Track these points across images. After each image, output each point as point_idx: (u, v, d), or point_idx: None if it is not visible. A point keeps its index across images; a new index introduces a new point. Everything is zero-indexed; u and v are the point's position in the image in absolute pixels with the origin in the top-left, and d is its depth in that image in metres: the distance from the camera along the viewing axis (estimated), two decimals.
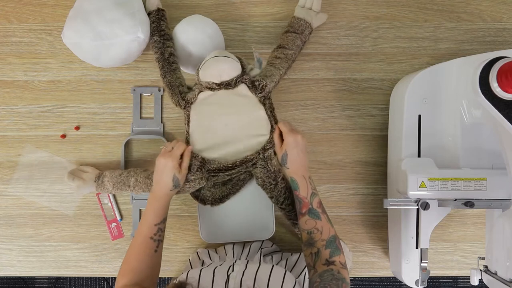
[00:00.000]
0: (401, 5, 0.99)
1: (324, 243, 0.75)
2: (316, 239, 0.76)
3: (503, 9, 0.99)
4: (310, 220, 0.77)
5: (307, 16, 0.92)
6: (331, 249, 0.75)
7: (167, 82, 0.88)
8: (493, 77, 0.68)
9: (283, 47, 0.91)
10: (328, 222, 0.78)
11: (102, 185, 0.91)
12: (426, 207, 0.80)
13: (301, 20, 0.92)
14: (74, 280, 1.78)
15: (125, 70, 0.98)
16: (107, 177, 0.90)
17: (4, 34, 0.99)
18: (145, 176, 0.88)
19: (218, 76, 0.83)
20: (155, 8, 0.92)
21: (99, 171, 0.94)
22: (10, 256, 0.99)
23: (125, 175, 0.90)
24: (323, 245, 0.75)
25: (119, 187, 0.90)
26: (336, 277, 0.70)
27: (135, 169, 0.91)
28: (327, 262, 0.73)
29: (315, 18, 0.93)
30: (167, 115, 0.99)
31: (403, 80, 0.93)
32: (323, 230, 0.76)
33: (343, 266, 0.74)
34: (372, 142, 0.99)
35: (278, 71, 0.88)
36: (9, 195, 0.99)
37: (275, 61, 0.89)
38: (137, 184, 0.88)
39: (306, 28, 0.92)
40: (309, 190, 0.79)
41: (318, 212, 0.78)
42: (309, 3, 0.93)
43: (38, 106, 0.98)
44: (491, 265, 0.73)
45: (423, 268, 0.84)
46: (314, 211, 0.78)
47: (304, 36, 0.92)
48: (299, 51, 0.93)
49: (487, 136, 0.83)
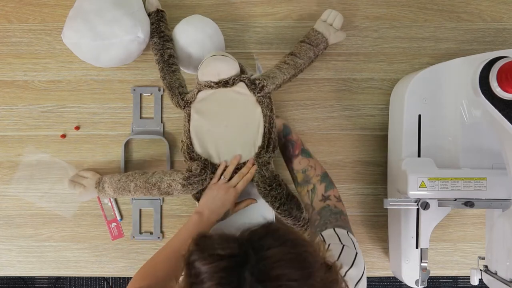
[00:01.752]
0: (401, 5, 0.99)
1: (319, 178, 0.80)
2: (311, 176, 0.80)
3: (503, 9, 0.99)
4: (304, 159, 0.83)
5: (326, 31, 0.92)
6: (326, 183, 0.79)
7: (166, 83, 0.88)
8: (493, 77, 0.68)
9: (295, 55, 0.90)
10: (318, 161, 0.83)
11: (103, 191, 0.90)
12: (426, 207, 0.80)
13: (319, 34, 0.92)
14: (74, 280, 1.78)
15: (125, 70, 0.98)
16: (107, 183, 0.90)
17: (4, 34, 0.99)
18: (145, 180, 0.87)
19: (216, 75, 0.83)
20: (155, 9, 0.92)
21: (99, 175, 0.93)
22: (10, 256, 0.99)
23: (124, 180, 0.89)
24: (318, 180, 0.80)
25: (120, 192, 0.89)
26: (333, 212, 0.75)
27: (133, 173, 0.90)
28: (323, 197, 0.78)
29: (333, 35, 0.93)
30: (167, 115, 0.99)
31: (403, 80, 0.93)
32: (316, 166, 0.82)
33: (338, 200, 0.78)
34: (372, 142, 0.99)
35: (282, 75, 0.87)
36: (9, 195, 0.99)
37: (282, 66, 0.89)
38: (137, 189, 0.88)
39: (322, 42, 0.92)
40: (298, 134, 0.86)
41: (309, 151, 0.84)
42: (330, 19, 0.93)
43: (38, 106, 0.98)
44: (491, 265, 0.73)
45: (423, 268, 0.84)
46: (306, 150, 0.84)
47: (318, 50, 0.92)
48: (309, 63, 0.92)
49: (487, 136, 0.83)
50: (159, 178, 0.86)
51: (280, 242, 0.51)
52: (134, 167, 0.98)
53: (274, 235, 0.52)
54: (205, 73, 0.83)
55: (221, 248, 0.50)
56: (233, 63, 0.83)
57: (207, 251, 0.50)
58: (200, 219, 0.78)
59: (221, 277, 0.48)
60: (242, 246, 0.51)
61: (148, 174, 0.88)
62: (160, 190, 0.85)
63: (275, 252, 0.50)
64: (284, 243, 0.51)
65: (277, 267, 0.48)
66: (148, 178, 0.87)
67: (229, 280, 0.48)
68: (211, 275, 0.48)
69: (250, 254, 0.50)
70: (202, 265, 0.49)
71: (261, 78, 0.85)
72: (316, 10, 0.99)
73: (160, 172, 0.88)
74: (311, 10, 0.99)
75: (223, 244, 0.50)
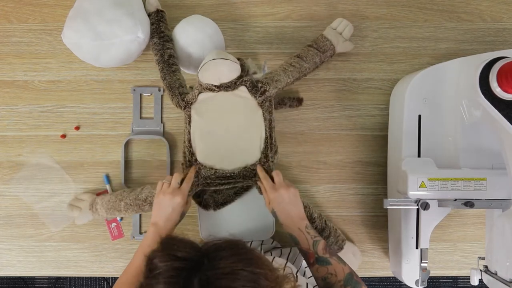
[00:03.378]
0: (401, 5, 0.99)
1: (342, 283, 0.73)
2: (332, 282, 0.73)
3: (503, 9, 0.99)
4: (321, 268, 0.74)
5: (335, 39, 0.92)
6: (351, 285, 0.73)
7: (167, 83, 0.88)
8: (493, 77, 0.68)
9: (301, 58, 0.90)
10: (339, 263, 0.75)
11: (97, 212, 0.92)
12: (426, 207, 0.80)
13: (328, 41, 0.92)
14: (74, 280, 1.78)
15: (125, 70, 0.98)
16: (99, 204, 0.91)
17: (4, 34, 0.99)
18: (134, 197, 0.87)
19: (217, 79, 0.82)
20: (154, 10, 0.92)
21: (94, 196, 0.94)
22: (10, 256, 0.99)
23: (113, 200, 0.89)
24: (341, 285, 0.73)
25: (112, 212, 0.90)
26: None
27: (121, 192, 0.90)
28: None
29: (341, 44, 0.93)
30: (167, 115, 0.99)
31: (403, 80, 0.93)
32: (336, 272, 0.74)
33: None
34: (372, 142, 0.99)
35: (286, 79, 0.87)
36: (9, 195, 0.99)
37: (288, 68, 0.89)
38: (128, 208, 0.88)
39: (329, 49, 0.92)
40: (309, 240, 0.76)
41: (326, 258, 0.75)
42: (340, 28, 0.93)
43: (38, 106, 0.98)
44: (491, 265, 0.73)
45: (423, 268, 0.84)
46: (322, 258, 0.75)
47: (325, 57, 0.92)
48: (314, 68, 0.92)
49: (487, 136, 0.83)
50: (149, 193, 0.86)
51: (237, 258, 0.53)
52: (134, 167, 0.98)
53: (233, 250, 0.54)
54: (205, 77, 0.83)
55: (180, 250, 0.53)
56: (234, 65, 0.82)
57: (166, 250, 0.53)
58: (157, 230, 0.76)
59: (171, 276, 0.51)
60: (199, 253, 0.54)
61: (136, 190, 0.88)
62: (152, 205, 0.82)
63: (227, 264, 0.52)
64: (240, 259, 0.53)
65: (224, 279, 0.50)
66: (137, 195, 0.87)
67: (178, 280, 0.51)
68: (164, 272, 0.51)
69: (204, 261, 0.52)
70: (159, 262, 0.52)
71: (264, 81, 0.85)
72: (316, 10, 0.99)
73: (149, 187, 0.88)
74: (311, 10, 0.99)
75: (183, 248, 0.53)
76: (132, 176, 0.99)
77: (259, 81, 0.85)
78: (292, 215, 0.77)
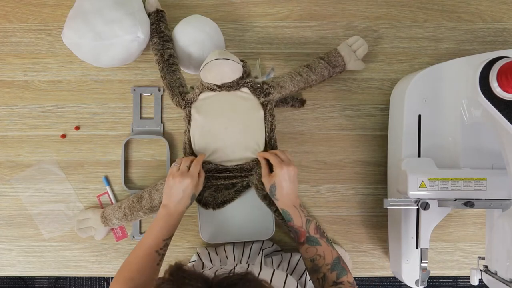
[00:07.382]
0: (401, 5, 0.99)
1: (329, 267, 0.74)
2: (320, 265, 0.74)
3: (503, 9, 0.99)
4: (311, 248, 0.76)
5: (347, 56, 0.92)
6: (337, 271, 0.74)
7: (167, 83, 0.88)
8: (493, 77, 0.68)
9: (310, 69, 0.90)
10: (328, 245, 0.76)
11: (112, 224, 0.93)
12: (426, 207, 0.80)
13: (340, 57, 0.92)
14: (74, 280, 1.78)
15: (125, 70, 0.98)
16: (110, 215, 0.93)
17: (4, 34, 0.99)
18: (149, 207, 0.89)
19: (219, 79, 0.82)
20: (154, 10, 0.92)
21: (97, 210, 0.95)
22: (10, 256, 0.99)
23: (129, 214, 0.90)
24: (328, 269, 0.74)
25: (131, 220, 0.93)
26: None
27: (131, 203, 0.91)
28: (335, 283, 0.73)
29: (353, 62, 0.93)
30: (167, 115, 0.99)
31: (403, 80, 0.93)
32: (325, 255, 0.75)
33: (352, 285, 0.73)
34: (372, 142, 0.99)
35: (291, 87, 0.87)
36: (9, 195, 0.99)
37: (295, 76, 0.88)
38: (146, 215, 0.90)
39: (339, 65, 0.92)
40: (302, 218, 0.77)
41: (316, 238, 0.76)
42: (355, 46, 0.93)
43: (38, 106, 0.98)
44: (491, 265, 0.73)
45: (423, 268, 0.84)
46: (312, 238, 0.76)
47: (334, 72, 0.92)
48: (320, 81, 0.93)
49: (487, 136, 0.83)
50: (159, 198, 0.87)
51: None
52: (134, 167, 0.98)
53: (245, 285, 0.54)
54: (207, 77, 0.83)
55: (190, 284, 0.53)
56: (236, 66, 0.82)
57: (176, 283, 0.53)
58: (168, 212, 0.78)
59: None
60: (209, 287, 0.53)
61: (144, 198, 0.89)
62: None
63: None
64: None
65: None
66: (151, 203, 0.88)
67: None
68: None
69: None
70: None
71: (270, 84, 0.85)
72: (316, 10, 0.99)
73: (153, 190, 0.88)
74: (311, 10, 0.99)
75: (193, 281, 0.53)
76: (132, 176, 0.99)
77: (265, 83, 0.85)
78: (290, 193, 0.79)
